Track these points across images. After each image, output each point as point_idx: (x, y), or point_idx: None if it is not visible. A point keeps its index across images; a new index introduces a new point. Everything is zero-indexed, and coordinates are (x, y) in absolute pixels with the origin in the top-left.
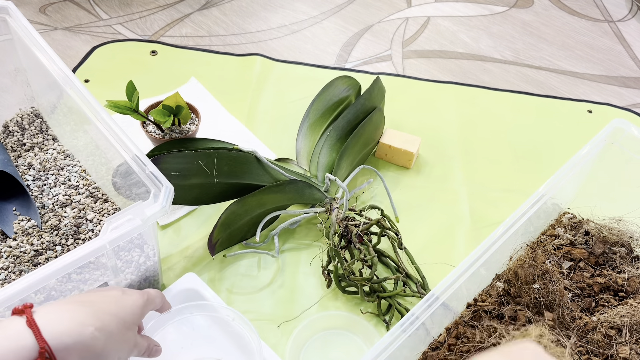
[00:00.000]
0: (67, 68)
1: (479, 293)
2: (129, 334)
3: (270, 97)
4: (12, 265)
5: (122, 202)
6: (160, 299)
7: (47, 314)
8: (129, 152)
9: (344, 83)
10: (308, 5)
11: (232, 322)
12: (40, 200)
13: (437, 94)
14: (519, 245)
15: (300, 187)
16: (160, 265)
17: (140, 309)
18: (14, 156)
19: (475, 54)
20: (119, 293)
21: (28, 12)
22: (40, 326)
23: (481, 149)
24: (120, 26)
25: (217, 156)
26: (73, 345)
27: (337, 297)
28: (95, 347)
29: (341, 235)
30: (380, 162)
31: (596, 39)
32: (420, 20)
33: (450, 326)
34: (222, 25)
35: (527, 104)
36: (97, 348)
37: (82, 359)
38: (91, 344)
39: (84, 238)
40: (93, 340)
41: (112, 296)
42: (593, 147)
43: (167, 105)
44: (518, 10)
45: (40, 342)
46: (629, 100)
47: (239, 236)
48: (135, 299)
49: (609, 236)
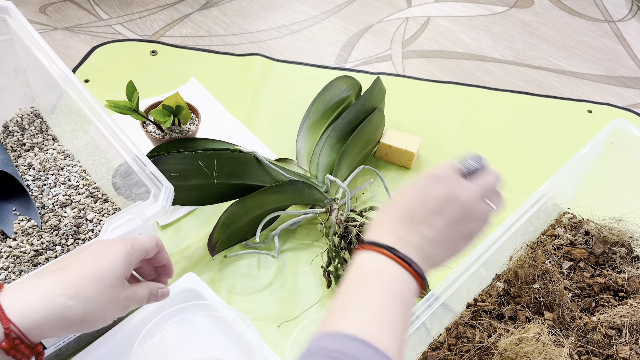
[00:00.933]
0: (67, 68)
1: (479, 293)
2: (114, 292)
3: (270, 97)
4: (12, 265)
5: (122, 202)
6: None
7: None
8: (129, 152)
9: (344, 83)
10: (308, 5)
11: (232, 321)
12: (40, 200)
13: (437, 94)
14: (519, 245)
15: (300, 188)
16: None
17: (122, 262)
18: (14, 156)
19: (475, 54)
20: (96, 248)
21: (28, 12)
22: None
23: (481, 149)
24: (120, 26)
25: (217, 157)
26: (45, 320)
27: None
28: (72, 316)
29: (341, 235)
30: (381, 163)
31: (596, 39)
32: (420, 20)
33: (450, 326)
34: (222, 25)
35: (527, 104)
36: (75, 316)
37: (64, 330)
38: (66, 314)
39: (84, 238)
40: (67, 310)
41: (89, 254)
42: (593, 147)
43: (167, 105)
44: (518, 10)
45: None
46: (629, 100)
47: (239, 236)
48: (114, 250)
49: (609, 236)
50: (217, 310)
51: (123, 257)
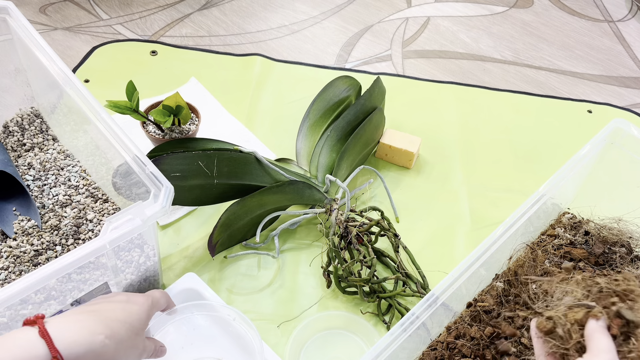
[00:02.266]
0: (67, 68)
1: (479, 293)
2: (138, 339)
3: (270, 97)
4: (12, 265)
5: (122, 202)
6: (164, 299)
7: (58, 324)
8: (129, 152)
9: (344, 83)
10: (308, 5)
11: (232, 321)
12: (40, 200)
13: (437, 94)
14: (519, 245)
15: (300, 188)
16: (160, 265)
17: (146, 314)
18: (14, 156)
19: (475, 54)
20: (124, 298)
21: (28, 12)
22: (52, 336)
23: (481, 149)
24: (120, 26)
25: (217, 157)
26: (84, 354)
27: (337, 297)
28: (105, 354)
29: (341, 235)
30: (381, 163)
31: (596, 39)
32: (420, 20)
33: (450, 326)
34: (222, 25)
35: (527, 104)
36: (107, 355)
37: None
38: (102, 351)
39: (84, 238)
40: (104, 348)
41: (119, 302)
42: (593, 147)
43: (167, 105)
44: (518, 10)
45: (52, 351)
46: (628, 100)
47: (239, 237)
48: (141, 303)
49: (609, 236)
50: (217, 310)
51: (146, 310)
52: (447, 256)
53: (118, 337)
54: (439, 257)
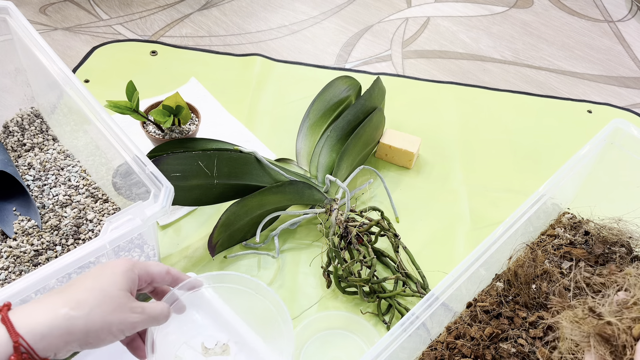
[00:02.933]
0: (67, 68)
1: (479, 293)
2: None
3: (270, 97)
4: (12, 265)
5: (122, 202)
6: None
7: (22, 310)
8: (129, 152)
9: (344, 83)
10: (308, 5)
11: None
12: (41, 200)
13: (437, 94)
14: (519, 245)
15: (300, 188)
16: None
17: (122, 275)
18: (14, 156)
19: (475, 54)
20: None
21: (28, 12)
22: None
23: (481, 149)
24: (120, 26)
25: (217, 157)
26: (49, 332)
27: (337, 297)
28: (75, 326)
29: (341, 235)
30: (381, 163)
31: (596, 39)
32: (420, 21)
33: (450, 326)
34: (222, 26)
35: (527, 104)
36: (78, 327)
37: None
38: (69, 324)
39: (84, 238)
40: (70, 321)
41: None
42: (593, 147)
43: (167, 105)
44: (518, 10)
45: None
46: (628, 100)
47: (239, 237)
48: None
49: (609, 236)
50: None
51: (122, 272)
52: (447, 256)
53: (87, 307)
54: (439, 257)
